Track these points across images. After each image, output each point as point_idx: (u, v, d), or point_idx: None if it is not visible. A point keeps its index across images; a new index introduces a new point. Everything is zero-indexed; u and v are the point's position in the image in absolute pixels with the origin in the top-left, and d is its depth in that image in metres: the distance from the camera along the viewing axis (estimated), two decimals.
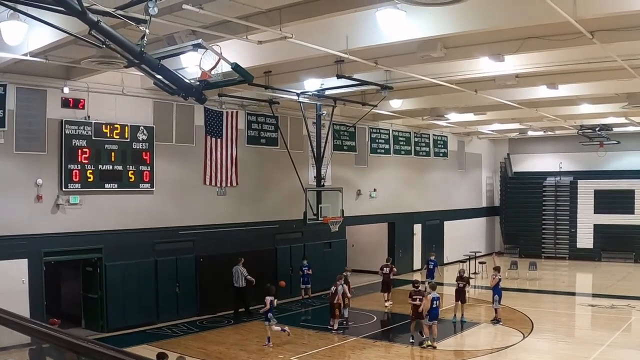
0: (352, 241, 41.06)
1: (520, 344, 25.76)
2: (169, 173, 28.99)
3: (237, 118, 32.02)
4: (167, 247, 28.88)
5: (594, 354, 23.74)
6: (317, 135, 32.12)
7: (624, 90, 29.19)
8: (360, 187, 40.70)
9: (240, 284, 29.73)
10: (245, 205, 32.60)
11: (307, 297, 33.98)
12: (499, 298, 29.19)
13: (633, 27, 18.08)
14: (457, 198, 51.51)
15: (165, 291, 28.72)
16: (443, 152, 49.72)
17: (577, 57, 21.94)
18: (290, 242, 34.90)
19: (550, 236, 53.73)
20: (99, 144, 26.13)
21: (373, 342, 26.61)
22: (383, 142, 42.99)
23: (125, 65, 16.23)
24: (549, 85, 27.28)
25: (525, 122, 42.68)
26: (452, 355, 23.88)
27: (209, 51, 14.04)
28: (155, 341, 25.23)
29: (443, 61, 21.86)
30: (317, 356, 23.87)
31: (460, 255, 45.60)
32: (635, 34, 18.36)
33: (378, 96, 28.60)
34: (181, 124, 29.55)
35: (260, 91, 27.70)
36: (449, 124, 42.93)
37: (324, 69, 24.02)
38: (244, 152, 32.50)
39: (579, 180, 52.52)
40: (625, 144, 48.42)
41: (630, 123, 41.76)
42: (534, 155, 55.76)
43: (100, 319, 26.66)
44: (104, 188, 26.36)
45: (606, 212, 50.41)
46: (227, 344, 25.39)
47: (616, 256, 49.75)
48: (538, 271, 42.46)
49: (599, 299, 34.34)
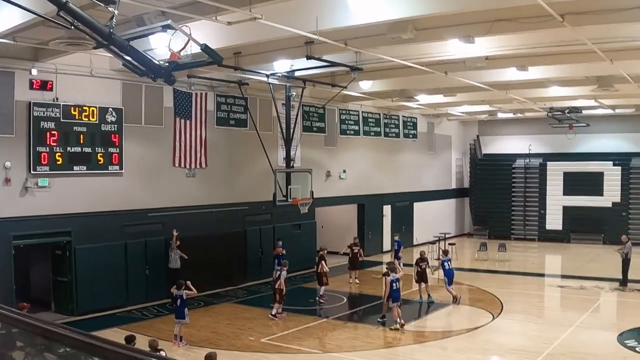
0: (321, 222, 41.05)
1: (490, 325, 25.91)
2: (138, 155, 28.84)
3: (207, 99, 31.89)
4: (137, 230, 28.75)
5: (564, 335, 23.91)
6: (286, 116, 32.02)
7: (594, 73, 29.29)
8: (329, 169, 40.71)
9: (175, 265, 29.11)
10: (215, 187, 32.51)
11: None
12: (448, 280, 29.48)
13: (603, 10, 18.12)
14: (427, 179, 51.66)
15: (135, 274, 28.60)
16: (413, 133, 49.77)
17: (547, 39, 21.96)
18: (259, 223, 34.85)
19: (519, 218, 53.98)
20: (67, 126, 25.90)
21: (343, 323, 26.65)
22: (352, 124, 42.98)
23: (94, 46, 16.08)
24: (518, 68, 27.33)
25: (494, 104, 42.78)
26: (423, 337, 23.94)
27: (178, 32, 13.95)
28: (126, 324, 25.14)
29: (413, 43, 21.78)
30: (287, 337, 23.88)
31: (429, 236, 45.64)
32: (605, 17, 18.39)
33: (348, 77, 28.55)
34: (150, 105, 29.38)
35: (229, 72, 27.54)
36: (419, 105, 43.00)
37: (293, 50, 23.91)
38: (213, 133, 32.39)
39: (548, 162, 52.80)
40: (595, 126, 48.67)
41: (600, 106, 41.93)
42: (503, 137, 55.95)
43: (70, 302, 26.52)
44: (72, 170, 26.16)
45: (575, 194, 50.72)
46: (198, 326, 25.29)
47: (585, 238, 50.05)
48: (507, 252, 42.63)
49: (568, 280, 34.56)
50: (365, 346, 23.26)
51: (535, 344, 22.71)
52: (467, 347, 22.73)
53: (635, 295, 30.86)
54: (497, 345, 23.29)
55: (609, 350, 22.03)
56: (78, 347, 5.20)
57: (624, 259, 32.81)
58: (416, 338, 24.33)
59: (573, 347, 22.28)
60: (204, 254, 30.91)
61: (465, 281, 34.58)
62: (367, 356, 21.71)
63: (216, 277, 31.62)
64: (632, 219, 49.00)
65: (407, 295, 29.79)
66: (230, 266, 32.63)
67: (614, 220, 48.54)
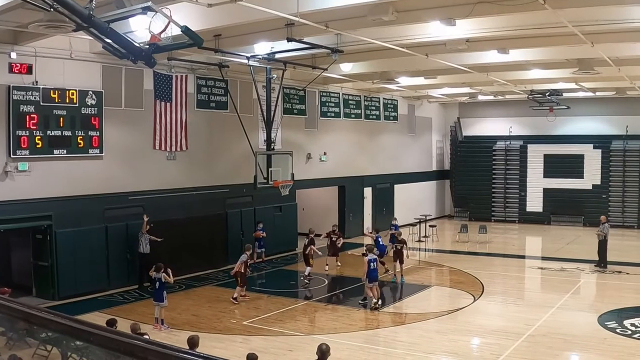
0: (302, 205, 41.08)
1: (471, 307, 26.02)
2: (118, 138, 28.68)
3: (187, 82, 31.75)
4: (117, 213, 28.64)
5: (544, 316, 24.04)
6: (267, 99, 31.96)
7: (575, 56, 29.32)
8: (310, 151, 40.65)
9: (145, 249, 28.80)
10: (195, 169, 32.42)
11: (260, 260, 33.97)
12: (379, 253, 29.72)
13: None
14: (407, 162, 51.69)
15: (116, 258, 28.51)
16: (393, 115, 49.75)
17: (528, 22, 21.95)
18: (240, 206, 34.81)
19: (500, 200, 54.14)
20: (47, 109, 25.70)
21: (324, 305, 26.70)
22: (333, 106, 42.92)
23: (73, 29, 15.99)
24: (499, 50, 27.32)
25: (475, 87, 42.80)
26: (403, 318, 23.98)
27: (158, 14, 13.89)
28: (107, 308, 25.06)
29: (394, 25, 21.69)
30: (268, 320, 23.89)
31: (410, 218, 45.76)
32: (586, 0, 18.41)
33: (328, 60, 28.48)
34: (130, 88, 29.21)
35: (210, 55, 27.45)
36: (400, 87, 43.02)
37: (274, 33, 23.80)
38: (194, 116, 32.27)
39: (528, 145, 52.94)
40: (575, 109, 48.78)
41: (580, 89, 42.04)
42: (484, 120, 56.01)
43: (52, 287, 26.41)
44: (52, 154, 25.99)
45: (555, 176, 50.98)
46: (179, 309, 25.29)
47: (565, 220, 50.35)
48: (488, 234, 42.81)
49: (549, 262, 34.71)
50: (347, 328, 23.29)
51: (517, 326, 22.83)
52: (448, 329, 22.81)
53: (615, 277, 31.05)
54: (478, 326, 23.36)
55: (589, 332, 22.17)
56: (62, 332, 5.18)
57: (602, 240, 33.01)
58: (397, 320, 24.40)
59: (554, 328, 22.39)
60: (185, 236, 30.93)
61: (446, 263, 34.74)
62: (348, 338, 21.72)
63: (197, 260, 31.63)
64: (612, 201, 49.27)
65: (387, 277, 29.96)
66: (211, 249, 32.60)
67: (594, 203, 48.86)
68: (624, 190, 49.09)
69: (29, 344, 9.74)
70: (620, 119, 49.41)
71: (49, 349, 13.67)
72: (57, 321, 4.98)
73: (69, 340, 6.03)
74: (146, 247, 28.57)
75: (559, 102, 45.09)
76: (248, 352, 14.68)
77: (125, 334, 5.09)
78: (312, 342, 17.06)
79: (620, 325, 22.54)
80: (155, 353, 4.19)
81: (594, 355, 20.00)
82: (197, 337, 15.48)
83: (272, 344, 21.12)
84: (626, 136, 49.20)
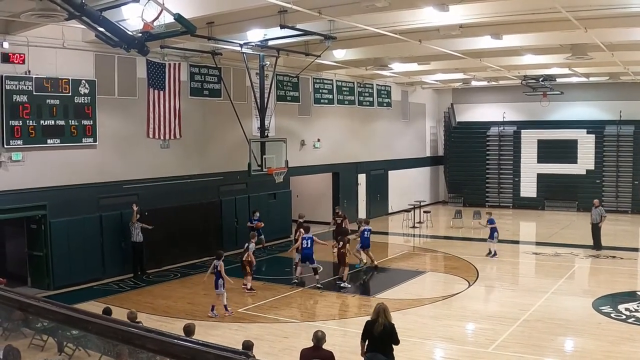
0: (296, 192, 41.12)
1: (465, 292, 26.10)
2: (112, 127, 28.65)
3: (180, 70, 31.70)
4: (112, 202, 28.62)
5: (539, 301, 24.13)
6: (260, 86, 31.93)
7: (568, 41, 29.31)
8: (304, 138, 40.65)
9: (138, 238, 28.77)
10: (189, 157, 32.40)
11: (260, 246, 33.91)
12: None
13: None
14: (401, 148, 51.70)
15: (110, 246, 28.50)
16: (387, 102, 49.74)
17: (521, 7, 21.96)
18: (235, 193, 34.84)
19: (494, 185, 54.23)
20: (40, 99, 25.63)
21: (320, 292, 26.70)
22: (327, 93, 42.89)
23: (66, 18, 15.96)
24: (493, 36, 27.32)
25: (469, 72, 42.77)
26: (399, 304, 23.97)
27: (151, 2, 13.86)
28: (102, 297, 25.04)
29: (387, 11, 21.68)
30: (263, 307, 23.95)
31: (404, 204, 45.83)
32: None
33: (321, 46, 28.43)
34: (123, 76, 29.16)
35: (203, 42, 27.45)
36: (393, 74, 42.97)
37: (267, 20, 23.77)
38: (187, 104, 32.23)
39: (522, 130, 52.94)
40: (569, 94, 48.88)
41: (574, 74, 42.09)
42: (477, 105, 55.98)
43: (47, 277, 26.39)
44: (46, 144, 25.93)
45: (549, 161, 51.05)
46: (174, 297, 25.36)
47: (559, 205, 50.46)
48: (482, 220, 42.81)
49: (543, 247, 34.76)
50: (342, 314, 23.40)
51: (511, 311, 22.90)
52: (443, 314, 22.89)
53: (610, 262, 31.13)
54: (473, 312, 23.46)
55: (584, 316, 22.25)
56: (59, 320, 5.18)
57: (595, 224, 33.21)
58: (392, 305, 24.21)
59: (548, 313, 22.48)
60: (180, 224, 30.99)
61: (440, 248, 34.80)
62: (344, 324, 21.82)
63: (192, 248, 31.65)
64: (605, 186, 49.36)
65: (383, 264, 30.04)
66: (205, 236, 32.60)
67: (588, 188, 48.89)
68: (618, 175, 49.17)
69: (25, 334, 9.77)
70: (614, 104, 49.39)
71: (44, 338, 13.66)
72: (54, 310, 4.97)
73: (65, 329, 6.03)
74: (139, 236, 28.54)
75: (552, 88, 45.15)
76: (244, 340, 14.71)
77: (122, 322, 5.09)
78: (307, 329, 17.11)
79: (614, 310, 22.61)
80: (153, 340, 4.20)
81: (588, 339, 20.06)
82: (193, 325, 15.53)
83: (268, 331, 21.16)
84: (619, 121, 49.20)
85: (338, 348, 17.73)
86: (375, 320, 14.16)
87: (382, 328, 13.98)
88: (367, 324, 14.40)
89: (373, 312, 14.41)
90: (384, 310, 14.21)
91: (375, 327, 14.04)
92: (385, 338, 14.06)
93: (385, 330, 14.03)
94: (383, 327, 13.99)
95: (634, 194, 48.62)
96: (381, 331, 13.97)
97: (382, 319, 14.03)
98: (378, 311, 14.21)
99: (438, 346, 20.09)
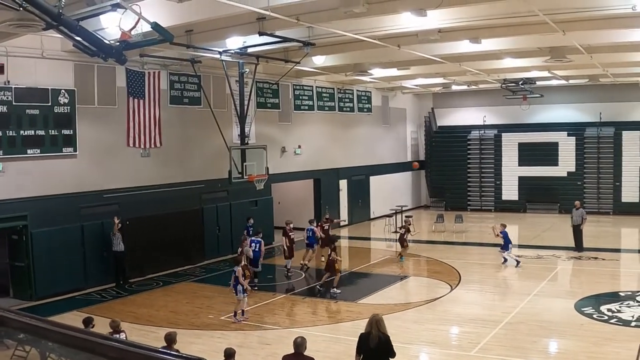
0: (278, 198, 41.05)
1: (448, 296, 26.18)
2: (92, 136, 28.58)
3: (159, 78, 31.67)
4: (93, 212, 28.54)
5: (522, 304, 24.24)
6: (240, 93, 31.91)
7: (547, 44, 29.39)
8: (284, 144, 40.66)
9: (119, 248, 28.64)
10: (170, 166, 32.36)
11: None
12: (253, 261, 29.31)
13: None
14: (382, 153, 51.76)
15: (92, 256, 28.41)
16: (367, 107, 49.79)
17: (499, 11, 22.03)
18: (216, 201, 34.81)
19: (475, 189, 54.40)
20: (20, 109, 25.55)
21: (302, 298, 26.75)
22: (307, 99, 42.91)
23: (43, 27, 15.91)
24: (471, 40, 27.35)
25: (448, 77, 42.89)
26: (381, 309, 23.98)
27: (128, 11, 13.84)
28: (85, 307, 24.93)
29: (365, 16, 21.67)
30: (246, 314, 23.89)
31: (386, 209, 45.90)
32: None
33: (301, 53, 28.48)
34: (103, 86, 29.09)
35: (182, 50, 27.41)
36: (373, 79, 43.08)
37: (246, 27, 23.73)
38: (167, 112, 32.20)
39: (503, 133, 53.15)
40: (549, 97, 49.01)
41: (553, 77, 42.20)
42: (458, 109, 56.17)
43: (29, 287, 26.28)
44: (26, 154, 25.84)
45: (530, 164, 51.31)
46: (157, 306, 25.33)
47: (541, 207, 50.65)
48: (464, 223, 43.01)
49: (525, 249, 34.78)
50: (325, 320, 23.44)
51: (494, 313, 23.02)
52: (425, 318, 22.96)
53: (592, 263, 31.26)
54: (456, 315, 23.53)
55: (566, 318, 22.35)
56: (19, 329, 5.17)
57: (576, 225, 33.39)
58: (375, 310, 24.38)
59: (531, 315, 22.58)
60: (161, 233, 30.92)
61: (422, 253, 34.85)
62: (326, 330, 21.82)
63: (174, 256, 31.63)
64: (587, 188, 49.62)
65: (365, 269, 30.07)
66: (187, 245, 32.57)
67: (570, 190, 49.09)
68: (599, 176, 49.45)
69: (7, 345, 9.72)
70: (594, 106, 49.63)
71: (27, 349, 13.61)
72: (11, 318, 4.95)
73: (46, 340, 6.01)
74: (120, 245, 28.47)
75: (532, 91, 45.27)
76: (226, 347, 14.70)
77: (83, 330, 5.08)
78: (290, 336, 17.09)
79: (597, 311, 22.74)
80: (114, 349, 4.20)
81: (571, 341, 20.15)
82: (175, 334, 15.48)
83: (250, 339, 21.19)
84: (600, 123, 49.47)
85: (321, 354, 17.76)
86: (369, 333, 13.58)
87: (377, 340, 13.42)
88: (361, 336, 13.82)
89: (367, 324, 13.84)
90: (377, 322, 13.62)
91: (370, 340, 13.48)
92: (380, 351, 13.50)
93: (381, 342, 13.47)
94: (378, 339, 13.42)
95: (615, 195, 48.90)
96: (376, 344, 13.42)
97: (375, 331, 13.45)
98: (371, 323, 13.65)
99: (421, 350, 20.15)
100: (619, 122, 48.97)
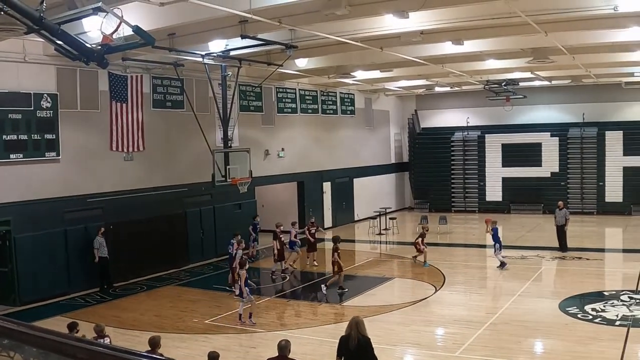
0: (262, 201, 41.04)
1: (433, 297, 26.21)
2: (75, 140, 28.50)
3: (142, 82, 31.62)
4: (76, 216, 28.47)
5: (506, 304, 24.31)
6: (223, 96, 31.84)
7: (529, 46, 29.49)
8: (268, 147, 40.68)
9: (103, 253, 28.60)
10: (153, 169, 32.31)
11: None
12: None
13: None
14: (366, 155, 51.83)
15: (76, 261, 28.32)
16: (350, 109, 49.83)
17: (481, 12, 22.04)
18: (199, 205, 34.77)
19: (459, 190, 54.50)
20: (2, 114, 25.46)
21: (287, 301, 26.78)
22: (290, 102, 42.90)
23: (25, 31, 15.85)
24: (454, 42, 27.39)
25: (431, 78, 42.91)
26: (365, 311, 23.97)
27: (109, 14, 13.81)
28: (69, 312, 24.88)
29: (348, 19, 21.70)
30: (230, 318, 23.86)
31: (370, 212, 45.93)
32: None
33: (283, 56, 28.46)
34: (85, 89, 29.01)
35: (164, 54, 27.33)
36: (356, 81, 43.07)
37: (228, 30, 23.73)
38: (150, 116, 32.15)
39: (486, 135, 53.30)
40: (532, 98, 49.03)
41: (536, 78, 42.29)
42: (441, 111, 56.26)
43: (13, 292, 26.17)
44: (9, 159, 25.77)
45: (514, 165, 51.54)
46: (141, 310, 25.27)
47: (525, 208, 50.80)
48: (448, 225, 43.07)
49: (509, 250, 34.70)
50: (310, 323, 23.36)
51: (479, 314, 23.06)
52: (410, 320, 22.96)
53: (576, 263, 31.34)
54: (441, 316, 23.57)
55: (551, 318, 22.38)
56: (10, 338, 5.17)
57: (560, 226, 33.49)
58: (359, 313, 24.37)
59: (516, 315, 22.61)
60: (145, 237, 30.81)
61: (407, 255, 34.77)
62: (311, 333, 21.77)
63: (158, 260, 31.55)
64: (570, 188, 49.80)
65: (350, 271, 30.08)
66: (171, 249, 32.52)
67: (553, 190, 49.27)
68: (582, 177, 49.64)
69: None
70: (577, 107, 49.86)
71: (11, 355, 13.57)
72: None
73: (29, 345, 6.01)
74: (103, 251, 28.43)
75: (515, 92, 45.28)
76: (209, 351, 14.68)
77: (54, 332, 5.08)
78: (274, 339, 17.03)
79: (581, 311, 22.78)
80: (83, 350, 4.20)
81: (555, 341, 20.19)
82: (159, 337, 15.43)
83: (235, 342, 21.16)
84: (583, 123, 49.69)
85: (309, 357, 17.76)
86: (348, 335, 13.47)
87: (357, 342, 13.32)
88: (341, 339, 13.70)
89: (347, 327, 13.73)
90: (356, 323, 13.53)
91: (350, 342, 13.39)
92: (360, 353, 13.41)
93: (360, 344, 13.36)
94: (357, 341, 13.32)
95: (599, 195, 49.08)
96: (355, 346, 13.32)
97: (354, 333, 13.35)
98: (351, 325, 13.55)
99: (406, 352, 20.15)
100: (602, 123, 49.20)
